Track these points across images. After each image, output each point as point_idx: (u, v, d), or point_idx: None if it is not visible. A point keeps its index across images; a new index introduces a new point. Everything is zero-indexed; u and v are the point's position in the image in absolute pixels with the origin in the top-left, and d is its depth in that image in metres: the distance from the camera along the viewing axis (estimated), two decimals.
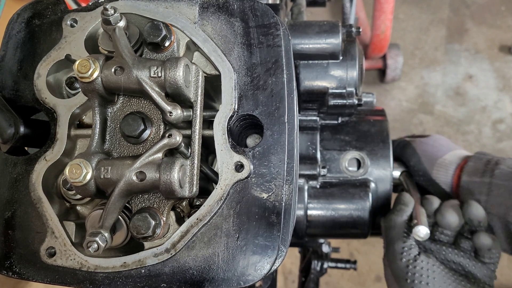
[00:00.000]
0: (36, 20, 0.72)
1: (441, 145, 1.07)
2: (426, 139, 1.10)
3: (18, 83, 0.70)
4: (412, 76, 3.14)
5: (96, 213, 0.64)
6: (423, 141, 1.10)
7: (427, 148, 1.07)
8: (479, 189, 0.93)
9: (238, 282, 0.61)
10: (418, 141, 1.11)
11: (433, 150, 1.06)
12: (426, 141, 1.09)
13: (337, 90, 1.01)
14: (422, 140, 1.10)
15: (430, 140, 1.09)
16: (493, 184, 0.91)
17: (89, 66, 0.60)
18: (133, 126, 0.63)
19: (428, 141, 1.09)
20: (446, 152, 1.04)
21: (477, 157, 0.98)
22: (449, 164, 1.01)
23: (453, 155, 1.03)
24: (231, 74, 0.65)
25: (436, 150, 1.05)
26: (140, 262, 0.62)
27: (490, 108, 3.00)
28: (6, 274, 0.65)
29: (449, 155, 1.03)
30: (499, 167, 0.92)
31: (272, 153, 0.63)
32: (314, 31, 0.99)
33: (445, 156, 1.03)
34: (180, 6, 0.68)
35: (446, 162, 1.01)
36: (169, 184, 0.59)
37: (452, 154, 1.03)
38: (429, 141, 1.09)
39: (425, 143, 1.09)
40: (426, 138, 1.11)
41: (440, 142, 1.08)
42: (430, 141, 1.09)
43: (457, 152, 1.04)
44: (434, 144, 1.07)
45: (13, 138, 0.66)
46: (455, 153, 1.04)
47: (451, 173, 1.00)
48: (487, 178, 0.92)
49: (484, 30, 3.22)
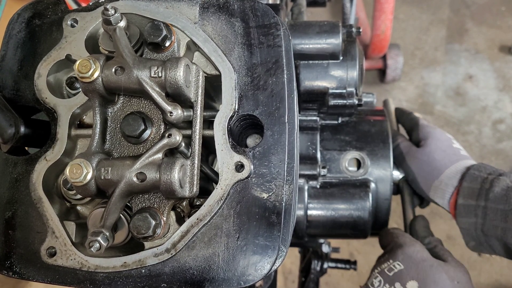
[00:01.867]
0: (37, 20, 0.72)
1: (437, 159, 1.02)
2: (421, 151, 1.05)
3: (18, 83, 0.70)
4: (412, 76, 3.14)
5: (98, 211, 0.64)
6: (417, 155, 1.05)
7: (422, 166, 1.03)
8: (474, 212, 0.92)
9: (238, 282, 0.61)
10: (412, 154, 1.06)
11: (428, 169, 1.02)
12: (421, 156, 1.04)
13: (337, 90, 1.01)
14: (417, 154, 1.06)
15: (426, 151, 1.04)
16: (488, 208, 0.90)
17: (90, 66, 0.60)
18: (133, 126, 0.63)
19: (423, 156, 1.04)
20: (442, 169, 1.00)
21: (473, 176, 0.95)
22: (445, 187, 0.99)
23: (449, 174, 0.99)
24: (232, 74, 0.65)
25: (432, 169, 1.02)
26: (140, 262, 0.62)
27: (490, 108, 3.00)
28: (7, 274, 0.65)
29: (445, 175, 1.00)
30: (493, 189, 0.90)
31: (273, 153, 0.63)
32: (315, 31, 0.99)
33: (441, 177, 1.00)
34: (180, 6, 0.69)
35: (442, 186, 0.99)
36: (169, 184, 0.59)
37: (448, 173, 1.00)
38: (424, 155, 1.04)
39: (419, 158, 1.04)
40: (421, 148, 1.06)
41: (437, 153, 1.03)
42: (425, 155, 1.04)
43: (453, 169, 1.00)
44: (429, 160, 1.03)
45: (14, 138, 0.67)
46: (452, 170, 1.00)
47: (447, 197, 0.99)
48: (481, 201, 0.91)
49: (484, 30, 3.23)
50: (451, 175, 0.99)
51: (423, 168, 1.04)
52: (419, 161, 1.05)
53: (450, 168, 1.00)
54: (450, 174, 1.00)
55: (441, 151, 1.04)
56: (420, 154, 1.05)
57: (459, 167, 1.00)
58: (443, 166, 1.01)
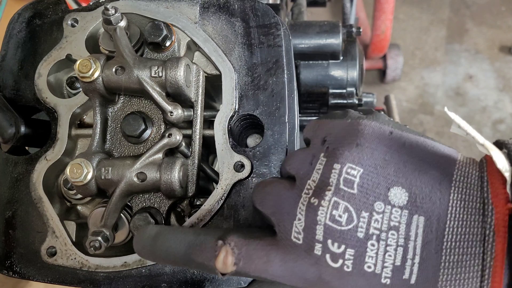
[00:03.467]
0: (37, 19, 0.72)
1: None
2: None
3: (19, 83, 0.70)
4: (412, 76, 3.14)
5: (99, 211, 0.64)
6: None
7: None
8: None
9: (238, 282, 0.61)
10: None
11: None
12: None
13: (337, 90, 1.01)
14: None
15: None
16: None
17: (90, 66, 0.60)
18: (133, 126, 0.63)
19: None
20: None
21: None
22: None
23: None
24: (232, 74, 0.65)
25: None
26: (140, 262, 0.62)
27: (490, 108, 3.00)
28: (7, 274, 0.65)
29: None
30: None
31: (273, 153, 0.63)
32: (315, 31, 0.99)
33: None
34: (181, 6, 0.69)
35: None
36: (169, 184, 0.59)
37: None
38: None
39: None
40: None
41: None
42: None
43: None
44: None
45: (14, 138, 0.67)
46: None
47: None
48: None
49: (484, 30, 3.23)
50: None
51: None
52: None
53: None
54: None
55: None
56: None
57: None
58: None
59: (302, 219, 0.44)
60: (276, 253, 0.45)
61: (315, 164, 0.47)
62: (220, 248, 0.45)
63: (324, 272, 0.43)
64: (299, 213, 0.45)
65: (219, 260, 0.45)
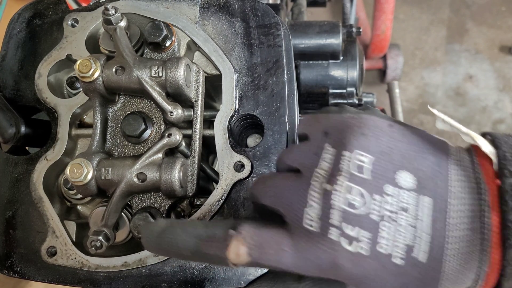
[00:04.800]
0: (37, 20, 0.72)
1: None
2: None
3: (19, 83, 0.70)
4: (412, 76, 3.14)
5: (99, 210, 0.64)
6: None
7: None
8: None
9: (238, 282, 0.61)
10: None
11: None
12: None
13: (337, 90, 1.01)
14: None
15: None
16: None
17: (90, 66, 0.60)
18: (134, 125, 0.63)
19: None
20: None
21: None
22: None
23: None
24: (232, 74, 0.65)
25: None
26: (141, 262, 0.62)
27: (490, 108, 3.00)
28: (7, 274, 0.65)
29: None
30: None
31: (273, 153, 0.63)
32: (315, 31, 0.99)
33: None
34: (181, 6, 0.69)
35: None
36: (170, 184, 0.59)
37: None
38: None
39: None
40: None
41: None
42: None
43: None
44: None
45: (14, 138, 0.67)
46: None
47: None
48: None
49: (485, 30, 3.23)
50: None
51: None
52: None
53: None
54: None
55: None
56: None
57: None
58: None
59: (315, 205, 0.45)
60: (289, 241, 0.45)
61: (320, 154, 0.49)
62: (231, 238, 0.44)
63: (338, 256, 0.43)
64: (310, 199, 0.45)
65: (231, 251, 0.44)
